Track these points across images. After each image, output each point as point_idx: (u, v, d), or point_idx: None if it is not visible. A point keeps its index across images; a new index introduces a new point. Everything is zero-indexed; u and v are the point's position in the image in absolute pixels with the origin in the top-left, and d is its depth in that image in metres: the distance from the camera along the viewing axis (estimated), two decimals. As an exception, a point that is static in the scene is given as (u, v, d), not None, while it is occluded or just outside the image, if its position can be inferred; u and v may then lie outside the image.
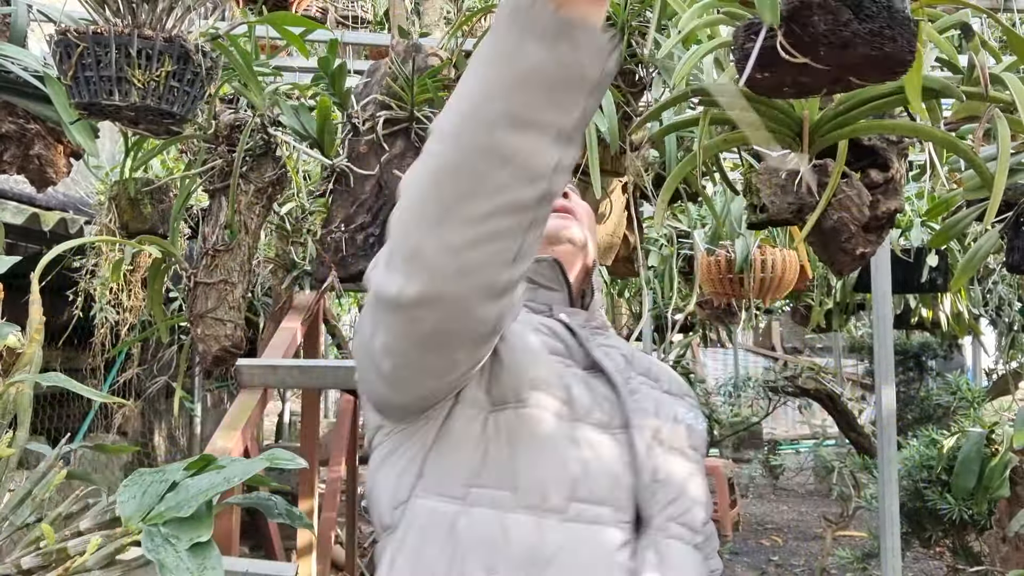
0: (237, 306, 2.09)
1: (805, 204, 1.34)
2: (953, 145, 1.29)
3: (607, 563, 0.87)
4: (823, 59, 0.92)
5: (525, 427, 0.93)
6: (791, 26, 0.91)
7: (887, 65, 0.93)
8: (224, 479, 1.03)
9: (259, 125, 2.07)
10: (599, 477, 0.91)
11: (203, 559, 0.92)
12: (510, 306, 0.82)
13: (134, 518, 0.98)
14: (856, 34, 0.89)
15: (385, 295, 0.80)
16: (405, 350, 0.85)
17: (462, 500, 0.90)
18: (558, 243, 1.12)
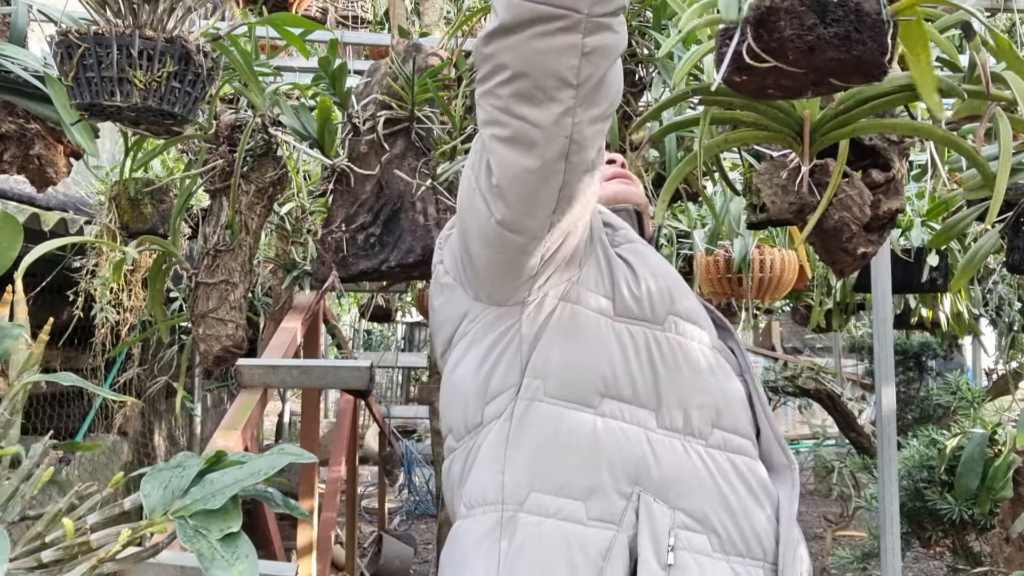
0: (238, 306, 2.10)
1: (806, 204, 1.34)
2: (955, 144, 1.29)
3: (755, 495, 0.90)
4: (794, 63, 0.93)
5: (669, 351, 0.95)
6: (759, 31, 0.92)
7: (860, 68, 0.94)
8: (249, 473, 1.05)
9: (260, 125, 2.07)
10: (739, 411, 0.95)
11: (235, 548, 0.95)
12: (602, 51, 0.84)
13: (157, 510, 1.01)
14: (822, 38, 0.90)
15: (481, 37, 0.86)
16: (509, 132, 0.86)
17: (595, 409, 0.91)
18: (628, 203, 1.21)
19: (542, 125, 0.84)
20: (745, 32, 0.93)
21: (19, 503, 1.18)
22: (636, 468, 0.87)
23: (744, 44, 0.93)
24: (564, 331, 0.94)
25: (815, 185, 1.33)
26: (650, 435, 0.89)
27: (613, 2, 0.82)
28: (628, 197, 1.20)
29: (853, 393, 7.73)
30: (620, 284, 0.97)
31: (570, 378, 0.91)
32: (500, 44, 0.82)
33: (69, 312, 2.74)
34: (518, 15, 0.80)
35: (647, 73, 1.88)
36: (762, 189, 1.39)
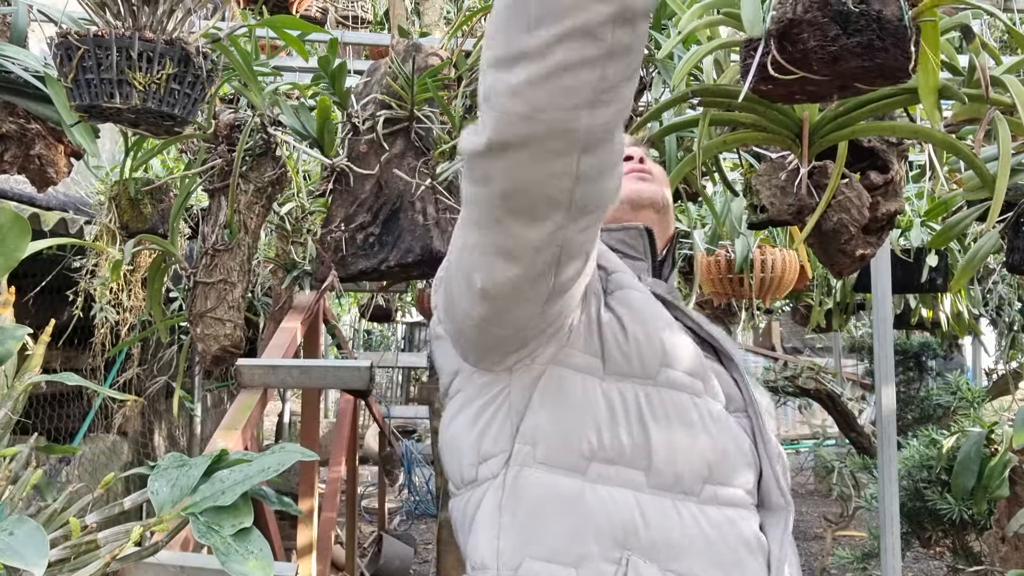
0: (237, 306, 2.10)
1: (805, 205, 1.35)
2: (953, 147, 1.29)
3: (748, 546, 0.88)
4: (818, 72, 0.94)
5: (660, 407, 0.91)
6: (783, 43, 0.92)
7: (884, 73, 0.95)
8: (259, 470, 1.07)
9: (259, 125, 2.07)
10: (735, 462, 0.91)
11: (248, 543, 0.97)
12: (599, 169, 0.74)
13: (166, 507, 1.03)
14: (845, 48, 0.91)
15: (465, 149, 0.76)
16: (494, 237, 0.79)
17: (583, 475, 0.89)
18: (640, 207, 1.07)
19: (530, 241, 0.78)
20: (769, 44, 0.94)
21: (8, 506, 1.18)
22: (624, 533, 0.86)
23: (768, 56, 0.94)
24: (552, 396, 0.91)
25: (814, 187, 1.33)
26: (640, 497, 0.88)
27: (612, 106, 0.70)
28: (640, 200, 1.06)
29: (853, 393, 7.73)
30: (609, 341, 0.92)
31: (559, 444, 0.90)
32: (488, 165, 0.74)
33: (69, 312, 2.74)
34: (508, 135, 0.71)
35: (647, 73, 1.88)
36: (761, 190, 1.39)
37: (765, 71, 0.96)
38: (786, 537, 0.91)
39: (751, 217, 1.52)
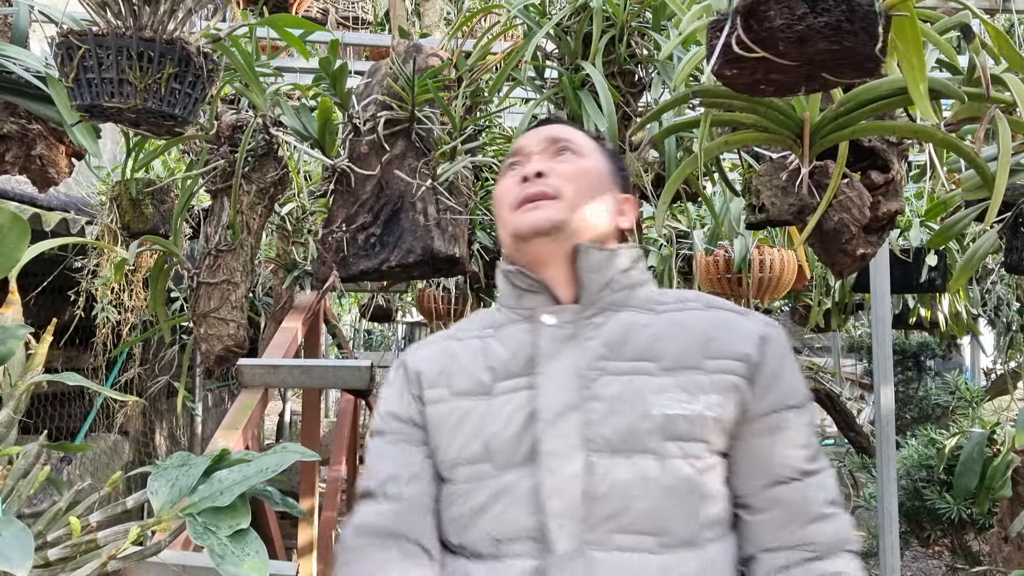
0: (240, 306, 2.10)
1: (806, 205, 1.35)
2: (954, 146, 1.29)
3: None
4: (784, 54, 0.92)
5: (457, 499, 0.97)
6: (749, 21, 0.91)
7: (853, 60, 0.93)
8: (257, 471, 1.07)
9: (261, 126, 2.07)
10: (514, 519, 0.92)
11: (244, 544, 0.98)
12: None
13: (165, 508, 1.02)
14: (812, 28, 0.88)
15: None
16: None
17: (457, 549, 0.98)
18: (524, 240, 1.02)
19: None
20: (735, 23, 0.93)
21: (16, 502, 1.18)
22: None
23: (734, 35, 0.93)
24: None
25: (815, 187, 1.33)
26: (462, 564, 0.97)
27: None
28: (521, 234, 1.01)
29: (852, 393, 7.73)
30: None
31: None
32: None
33: (71, 312, 2.75)
34: None
35: (647, 74, 1.89)
36: (762, 190, 1.39)
37: (730, 52, 0.94)
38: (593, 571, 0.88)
39: (750, 217, 1.53)
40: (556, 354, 0.97)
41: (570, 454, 0.91)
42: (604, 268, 1.01)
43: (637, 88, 1.90)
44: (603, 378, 0.95)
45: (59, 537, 1.09)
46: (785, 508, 0.94)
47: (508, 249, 1.06)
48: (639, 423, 0.91)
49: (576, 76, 1.81)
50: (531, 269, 1.02)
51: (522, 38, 1.93)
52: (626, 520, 0.89)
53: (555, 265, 1.02)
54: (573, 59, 1.85)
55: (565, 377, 0.95)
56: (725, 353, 0.96)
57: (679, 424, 0.91)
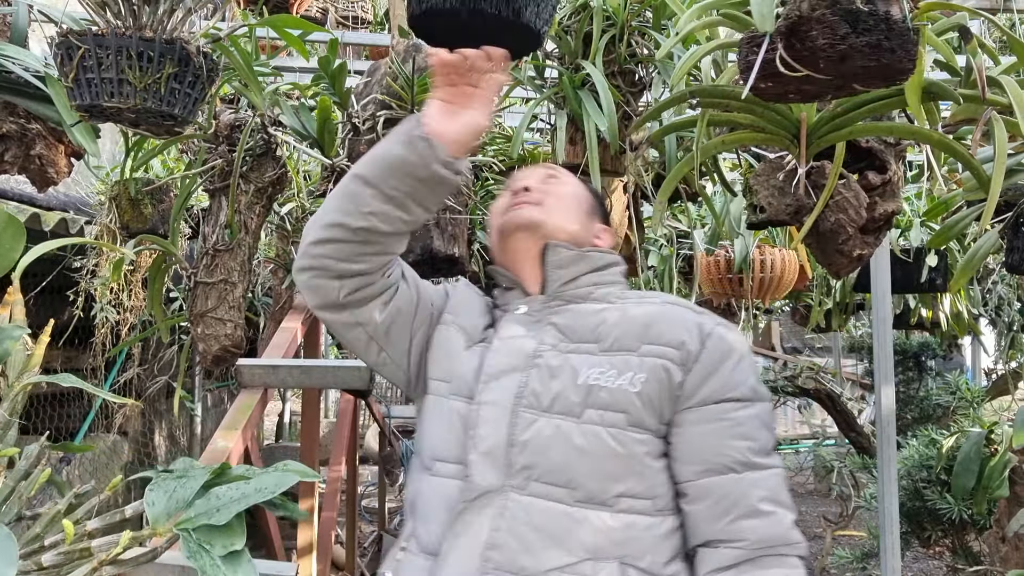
0: (237, 306, 2.10)
1: (803, 205, 1.35)
2: (950, 148, 1.29)
3: (446, 506, 1.05)
4: (823, 71, 0.93)
5: (424, 408, 1.19)
6: (791, 40, 0.92)
7: (886, 74, 0.95)
8: (255, 490, 1.06)
9: (259, 125, 2.07)
10: (450, 441, 1.09)
11: (236, 566, 0.97)
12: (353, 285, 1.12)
13: (160, 520, 1.01)
14: (854, 47, 0.90)
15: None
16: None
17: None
18: (507, 236, 1.20)
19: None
20: (775, 41, 0.94)
21: (16, 503, 1.18)
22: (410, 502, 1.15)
23: (775, 53, 0.94)
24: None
25: (812, 187, 1.33)
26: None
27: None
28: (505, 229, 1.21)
29: (853, 393, 7.72)
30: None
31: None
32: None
33: (69, 312, 2.75)
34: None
35: (647, 73, 1.89)
36: (759, 190, 1.39)
37: (768, 68, 0.96)
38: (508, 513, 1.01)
39: (750, 217, 1.52)
40: (514, 331, 1.14)
41: (502, 405, 1.06)
42: (570, 266, 1.16)
43: (637, 87, 1.90)
44: (548, 352, 1.10)
45: (56, 541, 1.09)
46: (718, 498, 1.01)
47: (495, 250, 1.24)
48: (566, 390, 1.05)
49: (576, 75, 1.81)
50: (509, 269, 1.21)
51: (522, 38, 1.92)
52: (541, 470, 1.02)
53: (529, 264, 1.19)
54: (573, 58, 1.84)
55: (514, 349, 1.11)
56: (661, 340, 1.07)
57: (600, 394, 1.04)
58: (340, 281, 1.11)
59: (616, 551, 0.99)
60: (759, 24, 0.96)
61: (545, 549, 0.99)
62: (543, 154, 2.56)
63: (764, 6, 0.96)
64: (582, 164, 1.77)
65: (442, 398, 1.14)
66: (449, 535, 1.03)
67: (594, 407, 1.03)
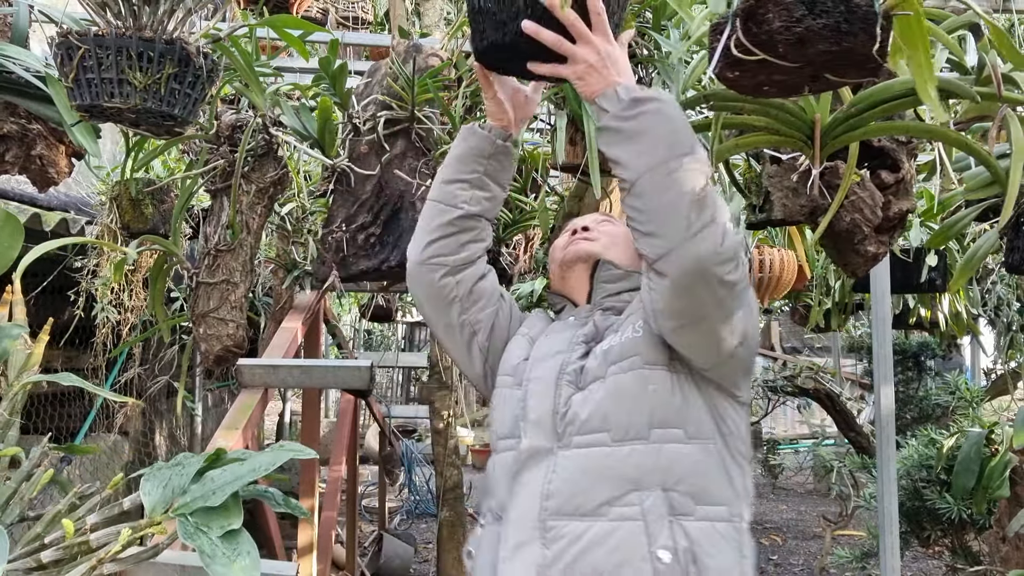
0: (239, 306, 2.10)
1: (818, 206, 1.35)
2: (967, 146, 1.29)
3: (506, 474, 1.22)
4: (784, 56, 0.92)
5: (493, 401, 1.36)
6: (748, 24, 0.91)
7: (853, 61, 0.93)
8: (250, 470, 1.06)
9: (260, 125, 2.07)
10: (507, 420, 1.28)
11: (236, 544, 0.98)
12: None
13: (157, 509, 1.01)
14: (811, 29, 0.89)
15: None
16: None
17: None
18: (567, 267, 1.42)
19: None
20: (735, 26, 0.93)
21: (19, 504, 1.18)
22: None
23: (733, 38, 0.94)
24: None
25: (826, 187, 1.33)
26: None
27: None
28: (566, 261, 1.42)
29: (852, 393, 7.73)
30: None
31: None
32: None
33: (70, 312, 2.75)
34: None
35: (647, 74, 1.89)
36: (773, 192, 1.39)
37: (730, 56, 0.95)
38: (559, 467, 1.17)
39: (750, 217, 1.53)
40: (562, 329, 1.36)
41: (546, 381, 1.25)
42: (616, 281, 1.36)
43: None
44: (581, 344, 1.29)
45: (56, 539, 1.09)
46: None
47: (554, 279, 1.46)
48: (592, 362, 1.24)
49: (576, 76, 1.81)
50: (563, 293, 1.44)
51: (522, 38, 1.92)
52: (579, 424, 1.18)
53: (581, 284, 1.41)
54: (573, 59, 1.84)
55: (560, 339, 1.32)
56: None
57: (613, 351, 1.22)
58: (455, 277, 1.34)
59: (657, 479, 1.12)
60: (712, 7, 0.97)
61: (593, 486, 1.13)
62: (543, 154, 2.57)
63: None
64: (582, 164, 1.77)
65: (505, 389, 1.33)
66: (509, 495, 1.19)
67: (612, 363, 1.21)
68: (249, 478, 1.07)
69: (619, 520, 1.10)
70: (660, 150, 1.08)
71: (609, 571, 1.07)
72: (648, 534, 1.08)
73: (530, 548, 1.11)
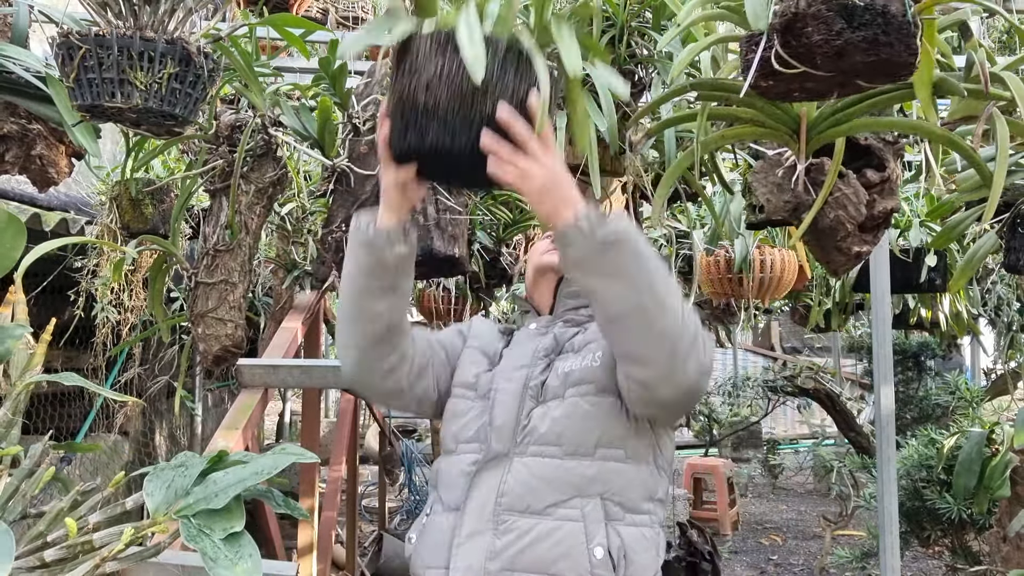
0: (238, 306, 2.10)
1: (801, 202, 1.35)
2: (953, 142, 1.29)
3: (466, 472, 1.32)
4: (821, 67, 0.93)
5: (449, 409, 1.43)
6: (787, 37, 0.92)
7: (887, 69, 0.94)
8: (253, 473, 1.06)
9: (260, 125, 2.07)
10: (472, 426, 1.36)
11: (238, 547, 0.98)
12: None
13: (160, 510, 1.01)
14: (850, 42, 0.90)
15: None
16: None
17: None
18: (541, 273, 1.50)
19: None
20: (772, 39, 0.93)
21: (20, 502, 1.18)
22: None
23: (772, 51, 0.94)
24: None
25: (811, 184, 1.33)
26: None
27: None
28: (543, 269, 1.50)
29: (852, 393, 7.73)
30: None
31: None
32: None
33: (70, 312, 2.75)
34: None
35: (647, 74, 1.89)
36: (757, 187, 1.39)
37: (767, 66, 0.96)
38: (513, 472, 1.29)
39: (750, 217, 1.53)
40: (524, 341, 1.45)
41: (512, 393, 1.35)
42: (578, 297, 1.44)
43: (637, 88, 1.90)
44: (543, 359, 1.39)
45: (58, 538, 1.09)
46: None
47: (528, 283, 1.54)
48: (553, 380, 1.35)
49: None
50: (532, 298, 1.53)
51: (522, 38, 1.92)
52: (536, 436, 1.30)
53: (547, 293, 1.50)
54: (573, 59, 1.84)
55: (523, 352, 1.42)
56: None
57: (573, 375, 1.33)
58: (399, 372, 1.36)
59: (597, 489, 1.27)
60: (752, 23, 0.96)
61: (542, 490, 1.26)
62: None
63: (757, 5, 0.96)
64: (582, 165, 1.77)
65: (467, 400, 1.41)
66: (469, 490, 1.30)
67: (571, 386, 1.32)
68: (253, 481, 1.07)
69: (563, 520, 1.25)
70: (642, 289, 1.09)
71: (551, 561, 1.22)
72: (586, 533, 1.24)
73: (483, 537, 1.26)
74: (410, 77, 1.01)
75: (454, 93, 0.99)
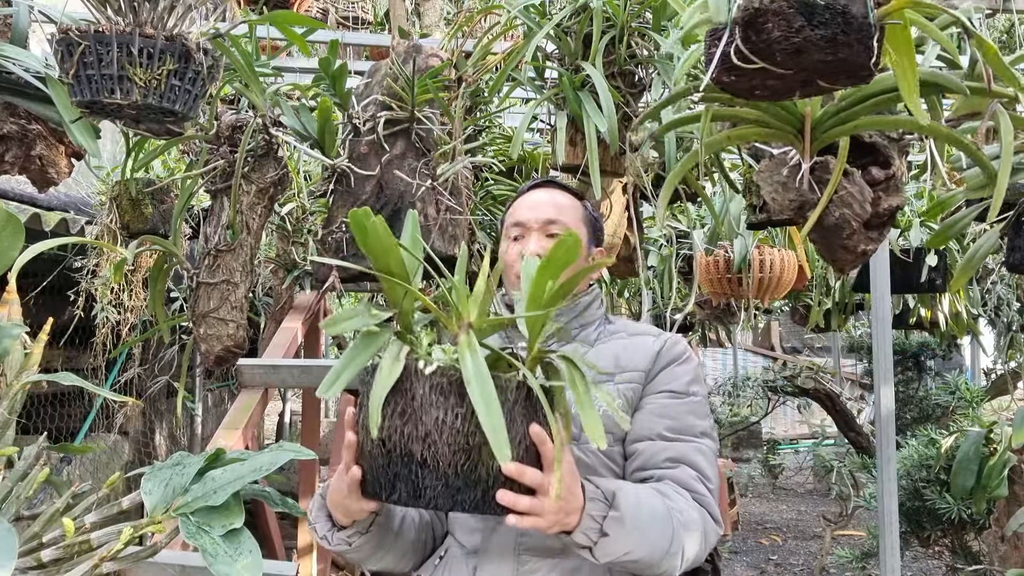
0: (239, 306, 2.10)
1: (807, 201, 1.35)
2: (957, 141, 1.29)
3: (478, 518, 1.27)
4: (781, 64, 0.93)
5: None
6: (748, 32, 0.92)
7: (846, 70, 0.95)
8: (251, 470, 1.06)
9: (260, 126, 2.07)
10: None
11: (237, 543, 0.98)
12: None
13: (158, 508, 1.01)
14: (809, 40, 0.90)
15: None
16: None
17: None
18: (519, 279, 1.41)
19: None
20: (734, 33, 0.94)
21: (15, 503, 1.18)
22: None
23: (732, 45, 0.94)
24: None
25: (815, 182, 1.33)
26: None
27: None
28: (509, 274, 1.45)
29: (852, 393, 7.74)
30: None
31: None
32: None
33: (70, 312, 2.75)
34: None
35: (647, 74, 1.89)
36: (762, 186, 1.39)
37: (729, 61, 0.96)
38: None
39: (750, 217, 1.52)
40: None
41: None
42: (564, 314, 1.38)
43: (637, 88, 1.90)
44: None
45: (54, 538, 1.09)
46: (637, 457, 1.27)
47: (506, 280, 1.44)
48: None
49: (576, 77, 1.81)
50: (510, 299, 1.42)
51: (522, 38, 1.93)
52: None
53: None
54: (573, 59, 1.85)
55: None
56: (629, 368, 1.32)
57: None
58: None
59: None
60: (713, 14, 0.97)
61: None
62: (543, 154, 2.57)
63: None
64: (582, 165, 1.77)
65: None
66: (489, 534, 1.27)
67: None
68: (250, 478, 1.07)
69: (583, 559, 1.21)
70: (654, 543, 1.13)
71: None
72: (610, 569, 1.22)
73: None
74: (400, 421, 0.90)
75: (459, 448, 0.89)
